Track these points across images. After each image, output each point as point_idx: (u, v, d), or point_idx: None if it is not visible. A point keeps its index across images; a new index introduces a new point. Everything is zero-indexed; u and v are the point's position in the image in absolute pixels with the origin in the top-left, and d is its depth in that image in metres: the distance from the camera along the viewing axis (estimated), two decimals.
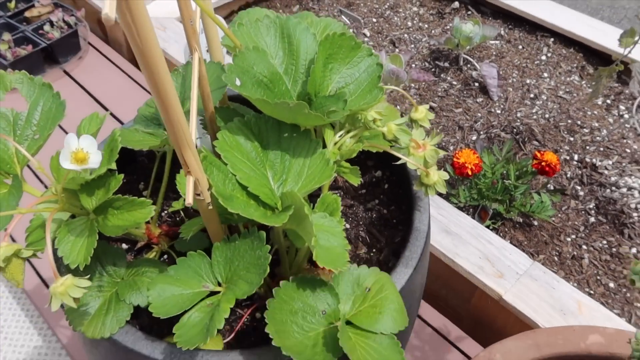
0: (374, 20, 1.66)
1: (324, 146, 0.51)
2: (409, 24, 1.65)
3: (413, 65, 1.50)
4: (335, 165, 0.46)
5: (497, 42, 1.56)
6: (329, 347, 0.43)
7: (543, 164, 1.04)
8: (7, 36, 1.43)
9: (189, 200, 0.38)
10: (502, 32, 1.59)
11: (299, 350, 0.41)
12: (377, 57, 0.51)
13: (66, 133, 1.10)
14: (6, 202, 0.47)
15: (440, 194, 1.16)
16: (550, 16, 1.53)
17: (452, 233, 1.02)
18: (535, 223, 1.13)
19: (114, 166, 0.47)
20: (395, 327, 0.46)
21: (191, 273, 0.45)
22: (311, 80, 0.50)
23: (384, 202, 0.75)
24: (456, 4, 1.68)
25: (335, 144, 0.50)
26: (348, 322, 0.47)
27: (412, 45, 1.56)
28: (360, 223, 0.73)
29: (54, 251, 0.46)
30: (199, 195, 0.41)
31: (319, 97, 0.48)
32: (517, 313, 0.92)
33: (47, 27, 1.47)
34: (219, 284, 0.46)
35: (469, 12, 1.65)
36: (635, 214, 1.13)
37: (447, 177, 0.56)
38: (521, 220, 1.14)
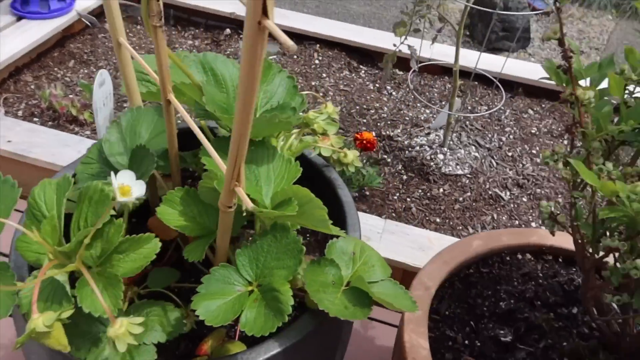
0: None
1: None
2: None
3: None
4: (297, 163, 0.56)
5: (275, 57, 1.76)
6: (352, 300, 0.53)
7: (364, 141, 1.26)
8: None
9: (249, 205, 0.44)
10: (279, 49, 1.79)
11: (335, 310, 0.51)
12: (286, 72, 0.63)
13: None
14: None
15: None
16: (311, 26, 1.79)
17: None
18: (368, 193, 1.35)
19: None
20: (385, 274, 0.58)
21: (221, 284, 0.50)
22: None
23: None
24: (228, 31, 1.83)
25: (287, 146, 0.60)
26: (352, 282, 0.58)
27: None
28: None
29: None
30: (230, 207, 0.47)
31: (261, 112, 0.57)
32: (391, 262, 1.11)
33: None
34: (250, 284, 0.52)
35: (241, 36, 1.82)
36: (432, 163, 1.43)
37: (358, 154, 0.70)
38: (357, 194, 1.34)
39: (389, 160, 1.44)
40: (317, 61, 1.76)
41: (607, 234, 0.57)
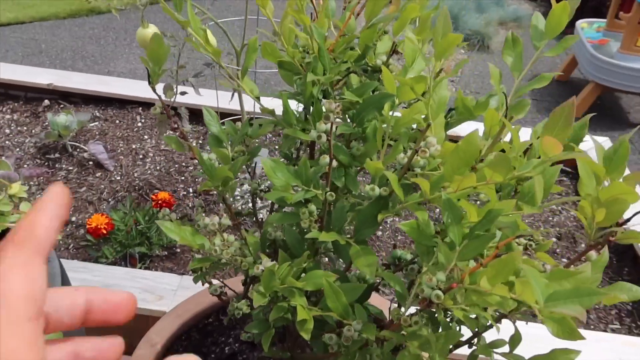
0: None
1: None
2: (7, 131, 1.72)
3: (25, 166, 1.58)
4: None
5: (97, 123, 1.78)
6: None
7: (160, 202, 1.29)
8: None
9: None
10: (98, 114, 1.81)
11: None
12: None
13: None
14: None
15: (89, 259, 1.30)
16: (131, 90, 1.83)
17: (110, 286, 1.17)
18: (179, 250, 1.38)
19: None
20: None
21: None
22: None
23: None
24: (46, 102, 1.83)
25: None
26: None
27: (18, 149, 1.64)
28: None
29: None
30: None
31: None
32: None
33: None
34: None
35: (62, 105, 1.82)
36: None
37: None
38: (166, 252, 1.36)
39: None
40: (139, 124, 1.79)
41: None
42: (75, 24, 3.77)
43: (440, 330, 0.46)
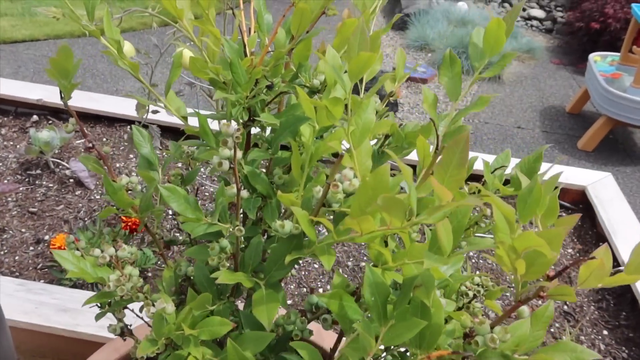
0: None
1: None
2: None
3: (5, 181, 1.55)
4: None
5: (83, 140, 1.74)
6: None
7: (130, 224, 1.24)
8: None
9: None
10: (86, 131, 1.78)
11: None
12: None
13: None
14: None
15: (52, 280, 1.24)
16: (120, 108, 1.80)
17: (69, 310, 1.12)
18: (150, 274, 1.32)
19: None
20: None
21: None
22: None
23: None
24: (35, 117, 1.80)
25: None
26: None
27: (1, 164, 1.62)
28: None
29: None
30: None
31: None
32: None
33: None
34: None
35: (50, 121, 1.80)
36: None
37: None
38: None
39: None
40: (126, 143, 1.75)
41: None
42: (88, 42, 3.81)
43: None
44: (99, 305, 0.52)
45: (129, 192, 0.57)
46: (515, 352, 0.40)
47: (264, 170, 0.50)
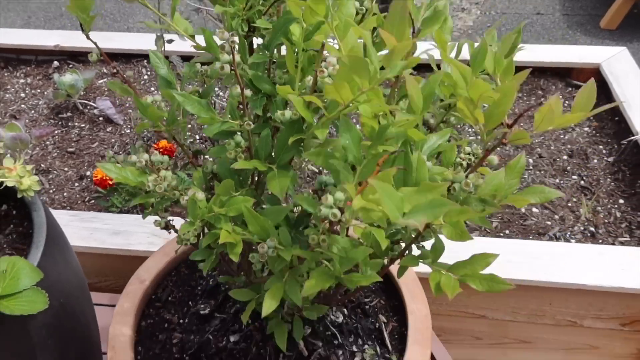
0: None
1: None
2: (22, 95, 1.79)
3: (43, 125, 1.65)
4: None
5: (106, 79, 1.82)
6: None
7: (161, 150, 1.33)
8: None
9: None
10: (105, 70, 1.85)
11: None
12: None
13: None
14: None
15: (101, 210, 1.37)
16: (136, 44, 1.85)
17: (120, 232, 1.24)
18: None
19: None
20: (32, 282, 0.66)
21: None
22: None
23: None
24: (56, 63, 1.88)
25: None
26: None
27: (33, 111, 1.71)
28: None
29: None
30: None
31: None
32: None
33: None
34: None
35: (71, 65, 1.87)
36: None
37: (37, 179, 0.78)
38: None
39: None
40: (145, 77, 1.82)
41: None
42: None
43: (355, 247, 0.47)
44: (144, 207, 0.61)
45: None
46: (494, 199, 0.47)
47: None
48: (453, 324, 1.26)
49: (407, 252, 0.53)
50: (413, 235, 0.52)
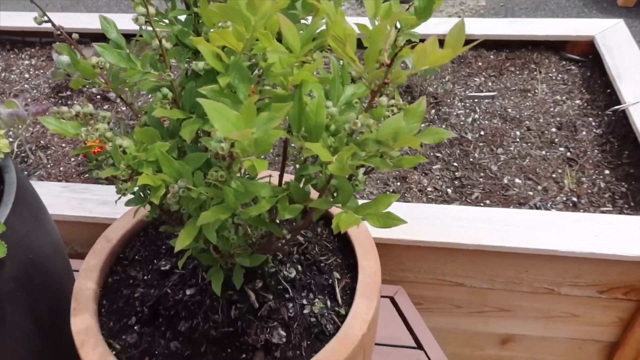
0: None
1: None
2: (27, 75, 1.85)
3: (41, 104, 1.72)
4: None
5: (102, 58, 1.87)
6: None
7: None
8: None
9: None
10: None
11: None
12: None
13: None
14: None
15: (97, 180, 1.42)
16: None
17: (108, 202, 1.29)
18: None
19: None
20: None
21: None
22: None
23: None
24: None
25: None
26: None
27: (35, 91, 1.78)
28: None
29: None
30: None
31: None
32: None
33: None
34: None
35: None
36: None
37: (7, 142, 0.82)
38: None
39: None
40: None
41: None
42: None
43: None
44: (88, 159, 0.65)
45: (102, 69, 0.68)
46: (395, 141, 0.49)
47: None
48: (432, 292, 1.29)
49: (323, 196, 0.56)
50: (325, 181, 0.54)
